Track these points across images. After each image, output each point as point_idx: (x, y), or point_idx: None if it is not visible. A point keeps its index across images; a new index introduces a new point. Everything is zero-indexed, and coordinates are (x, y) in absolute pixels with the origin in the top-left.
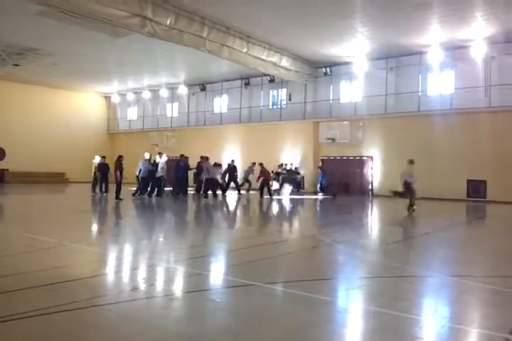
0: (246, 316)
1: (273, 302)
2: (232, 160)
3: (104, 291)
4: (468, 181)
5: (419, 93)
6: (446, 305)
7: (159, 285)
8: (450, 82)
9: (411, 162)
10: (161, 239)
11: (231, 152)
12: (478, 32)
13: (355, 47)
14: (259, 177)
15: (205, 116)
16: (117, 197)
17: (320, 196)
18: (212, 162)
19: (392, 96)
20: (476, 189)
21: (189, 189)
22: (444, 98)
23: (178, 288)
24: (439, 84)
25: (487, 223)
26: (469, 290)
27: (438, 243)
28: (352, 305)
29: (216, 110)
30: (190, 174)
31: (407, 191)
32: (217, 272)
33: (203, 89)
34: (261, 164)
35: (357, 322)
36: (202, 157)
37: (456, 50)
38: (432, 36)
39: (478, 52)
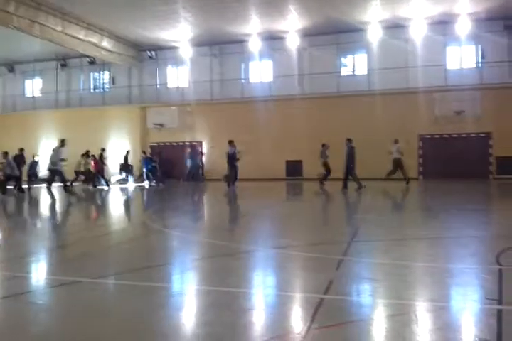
0: (73, 314)
1: (103, 297)
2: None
3: None
4: (287, 161)
5: (242, 80)
6: (271, 275)
7: None
8: (269, 70)
9: (396, 141)
10: None
11: (50, 140)
12: (292, 24)
13: (179, 32)
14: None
15: (14, 101)
16: None
17: (147, 184)
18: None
19: (218, 82)
20: (294, 168)
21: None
22: (263, 85)
23: None
24: (259, 73)
25: (303, 199)
26: (290, 260)
27: (261, 220)
28: (184, 288)
29: (28, 94)
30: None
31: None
32: (38, 272)
33: (11, 70)
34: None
35: (189, 303)
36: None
37: (274, 41)
38: (252, 26)
39: (293, 43)
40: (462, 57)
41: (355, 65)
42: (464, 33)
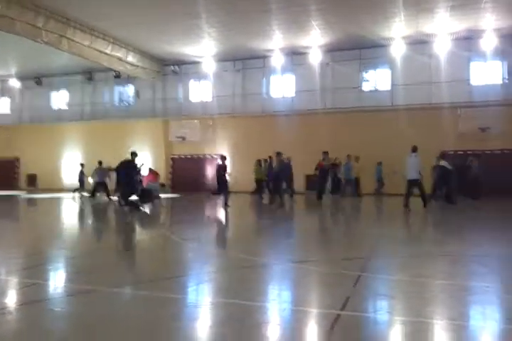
0: (90, 322)
1: (119, 306)
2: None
3: None
4: (307, 176)
5: (264, 95)
6: (288, 289)
7: None
8: (291, 85)
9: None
10: None
11: (74, 152)
12: (315, 40)
13: (203, 47)
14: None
15: (40, 113)
16: None
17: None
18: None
19: (240, 96)
20: (313, 183)
21: None
22: (285, 100)
23: (10, 300)
24: (281, 87)
25: (320, 213)
26: (307, 274)
27: (281, 233)
28: (200, 300)
29: (54, 106)
30: None
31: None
32: (56, 280)
33: (39, 82)
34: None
35: (205, 315)
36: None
37: (297, 56)
38: (275, 42)
39: (315, 58)
40: (487, 73)
41: (377, 80)
42: (489, 48)
